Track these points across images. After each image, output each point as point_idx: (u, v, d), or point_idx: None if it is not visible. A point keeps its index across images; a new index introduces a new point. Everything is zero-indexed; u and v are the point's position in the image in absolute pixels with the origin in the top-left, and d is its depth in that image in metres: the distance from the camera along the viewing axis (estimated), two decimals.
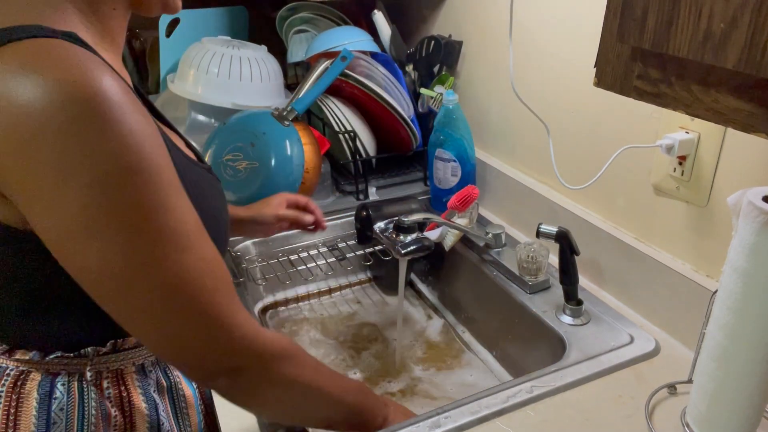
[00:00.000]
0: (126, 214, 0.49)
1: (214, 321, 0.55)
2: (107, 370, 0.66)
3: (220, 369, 0.57)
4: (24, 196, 0.49)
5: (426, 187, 1.33)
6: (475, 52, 1.25)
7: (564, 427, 0.72)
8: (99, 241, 0.49)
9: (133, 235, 0.50)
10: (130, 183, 0.49)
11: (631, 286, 0.92)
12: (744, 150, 0.75)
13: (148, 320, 0.53)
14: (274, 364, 0.60)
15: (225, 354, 0.56)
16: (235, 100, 1.23)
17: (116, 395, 0.66)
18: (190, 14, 1.39)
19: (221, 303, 0.55)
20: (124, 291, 0.51)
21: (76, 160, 0.47)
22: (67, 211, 0.48)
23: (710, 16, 0.43)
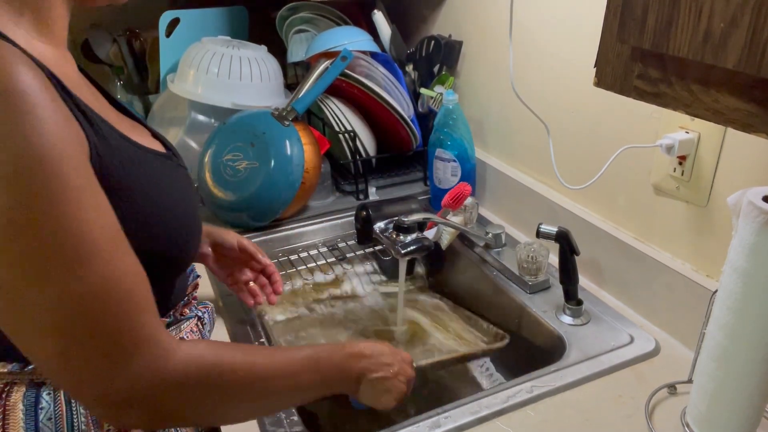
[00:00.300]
0: (15, 219, 0.44)
1: (115, 347, 0.48)
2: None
3: (127, 400, 0.50)
4: None
5: (426, 187, 1.33)
6: (475, 52, 1.25)
7: (564, 427, 0.72)
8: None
9: (23, 243, 0.45)
10: (22, 185, 0.44)
11: (631, 286, 0.92)
12: (744, 150, 0.75)
13: (39, 343, 0.47)
14: (190, 387, 0.53)
15: (131, 383, 0.49)
16: (235, 100, 1.23)
17: None
18: (190, 14, 1.39)
19: (124, 327, 0.49)
20: (10, 305, 0.46)
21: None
22: None
23: (710, 16, 0.43)
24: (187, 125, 1.28)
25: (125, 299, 0.49)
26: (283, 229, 1.18)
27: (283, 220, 1.20)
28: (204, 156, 1.19)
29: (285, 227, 1.19)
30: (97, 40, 1.54)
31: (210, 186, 1.16)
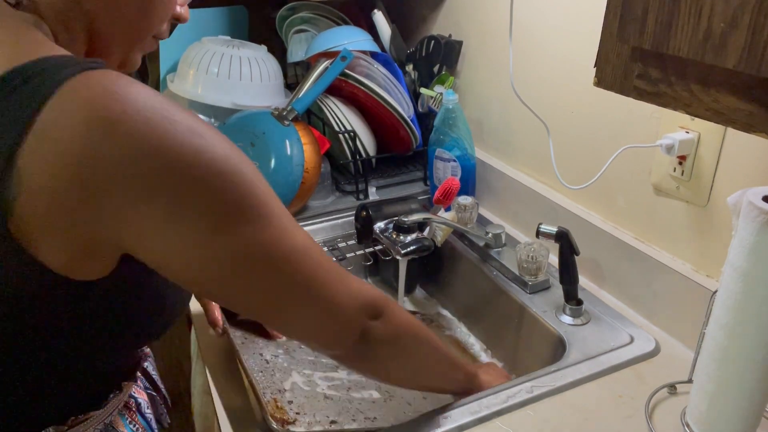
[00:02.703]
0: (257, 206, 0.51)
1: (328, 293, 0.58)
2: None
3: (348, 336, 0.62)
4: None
5: (426, 187, 1.33)
6: (475, 52, 1.25)
7: (564, 427, 0.72)
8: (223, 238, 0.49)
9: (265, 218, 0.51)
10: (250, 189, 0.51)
11: (631, 286, 0.92)
12: (744, 150, 0.75)
13: (291, 293, 0.55)
14: (372, 323, 0.63)
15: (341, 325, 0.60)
16: (235, 100, 1.23)
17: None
18: (190, 14, 1.39)
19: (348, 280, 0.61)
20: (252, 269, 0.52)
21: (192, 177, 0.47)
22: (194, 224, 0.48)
23: (710, 16, 0.43)
24: None
25: (319, 251, 0.58)
26: None
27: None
28: None
29: None
30: None
31: None
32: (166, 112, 0.46)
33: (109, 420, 0.63)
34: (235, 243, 0.49)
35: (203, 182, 0.47)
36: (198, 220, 0.47)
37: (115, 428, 0.64)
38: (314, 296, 0.56)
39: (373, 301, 0.62)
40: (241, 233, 0.49)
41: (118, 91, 0.44)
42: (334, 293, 0.58)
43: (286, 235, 0.53)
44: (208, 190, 0.47)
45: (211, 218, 0.48)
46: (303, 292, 0.55)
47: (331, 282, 0.58)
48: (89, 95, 0.44)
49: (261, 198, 0.51)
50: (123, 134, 0.43)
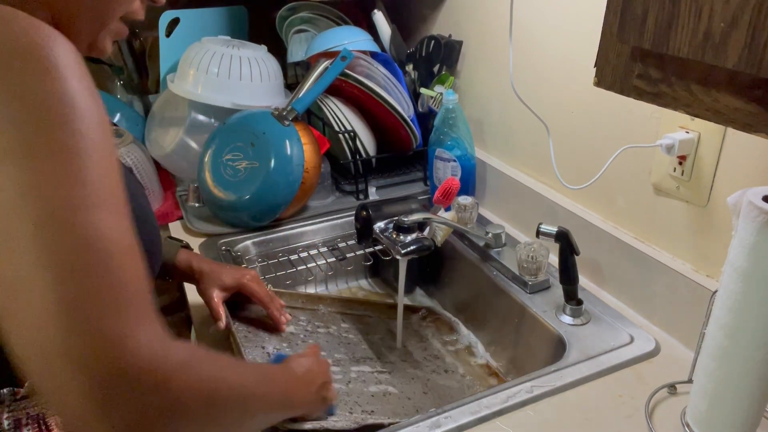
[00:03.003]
0: (48, 152, 0.41)
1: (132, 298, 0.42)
2: (27, 417, 0.58)
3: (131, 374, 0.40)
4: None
5: (426, 187, 1.33)
6: (475, 52, 1.25)
7: (564, 427, 0.72)
8: (17, 169, 0.40)
9: (51, 173, 0.41)
10: (60, 126, 0.42)
11: (631, 286, 0.92)
12: (744, 150, 0.75)
13: (43, 278, 0.39)
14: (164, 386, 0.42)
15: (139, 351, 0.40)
16: (235, 100, 1.23)
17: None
18: (190, 14, 1.39)
19: (136, 284, 0.43)
20: (20, 235, 0.40)
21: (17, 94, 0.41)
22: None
23: (710, 16, 0.43)
24: (187, 125, 1.28)
25: (141, 267, 0.44)
26: (283, 229, 1.18)
27: (283, 220, 1.20)
28: (204, 156, 1.19)
29: (285, 227, 1.19)
30: None
31: (210, 186, 1.16)
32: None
33: None
34: (22, 182, 0.40)
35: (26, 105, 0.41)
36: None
37: None
38: (75, 306, 0.39)
39: (159, 364, 0.41)
40: (32, 176, 0.40)
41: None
42: (112, 317, 0.40)
43: (90, 209, 0.41)
44: (27, 114, 0.41)
45: (11, 143, 0.40)
46: (62, 289, 0.39)
47: (117, 299, 0.40)
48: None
49: (82, 154, 0.42)
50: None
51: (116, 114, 1.38)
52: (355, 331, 1.05)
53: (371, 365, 0.97)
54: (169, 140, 1.29)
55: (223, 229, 1.17)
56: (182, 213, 1.22)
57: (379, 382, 0.90)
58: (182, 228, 1.19)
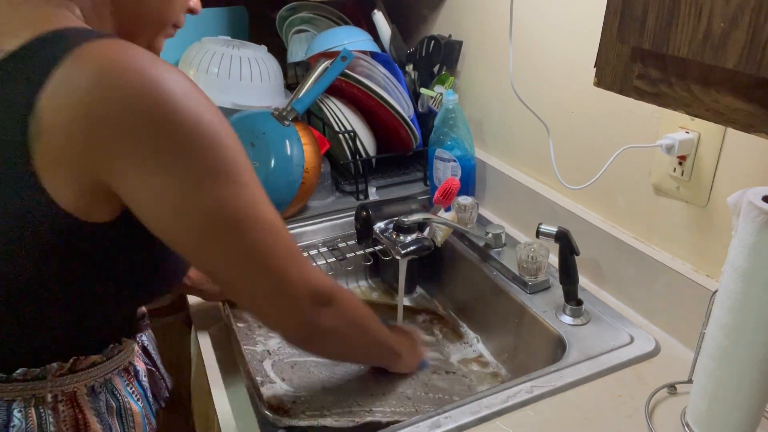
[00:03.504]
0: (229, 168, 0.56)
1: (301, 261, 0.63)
2: (62, 393, 0.64)
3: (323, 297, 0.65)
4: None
5: (426, 187, 1.33)
6: (475, 52, 1.25)
7: (564, 427, 0.72)
8: (207, 190, 0.55)
9: (234, 183, 0.56)
10: (226, 144, 0.56)
11: (631, 286, 0.92)
12: (744, 150, 0.75)
13: (253, 257, 0.59)
14: (322, 309, 0.65)
15: (319, 282, 0.64)
16: (235, 100, 1.23)
17: (71, 418, 0.64)
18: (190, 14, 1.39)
19: (298, 257, 0.63)
20: (223, 230, 0.57)
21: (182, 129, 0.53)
22: (181, 173, 0.54)
23: (710, 16, 0.43)
24: None
25: (287, 229, 0.63)
26: None
27: (282, 219, 1.19)
28: None
29: None
30: None
31: None
32: (164, 72, 0.53)
33: (109, 376, 0.68)
34: (207, 200, 0.55)
35: (187, 139, 0.53)
36: (177, 173, 0.53)
37: (114, 385, 0.69)
38: (269, 270, 0.60)
39: (324, 289, 0.65)
40: (215, 192, 0.55)
41: (124, 53, 0.52)
42: (289, 272, 0.61)
43: (257, 205, 0.58)
44: (190, 148, 0.53)
45: (189, 173, 0.53)
46: (260, 263, 0.59)
47: (288, 261, 0.61)
48: (100, 54, 0.51)
49: (239, 166, 0.57)
50: (123, 89, 0.51)
51: None
52: None
53: None
54: None
55: None
56: None
57: (379, 381, 0.90)
58: None
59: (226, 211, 0.56)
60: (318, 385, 0.83)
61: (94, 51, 0.52)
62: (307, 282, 0.62)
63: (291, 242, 0.62)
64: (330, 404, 0.79)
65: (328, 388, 0.83)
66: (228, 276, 0.60)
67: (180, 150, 0.53)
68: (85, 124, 0.51)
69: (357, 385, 0.88)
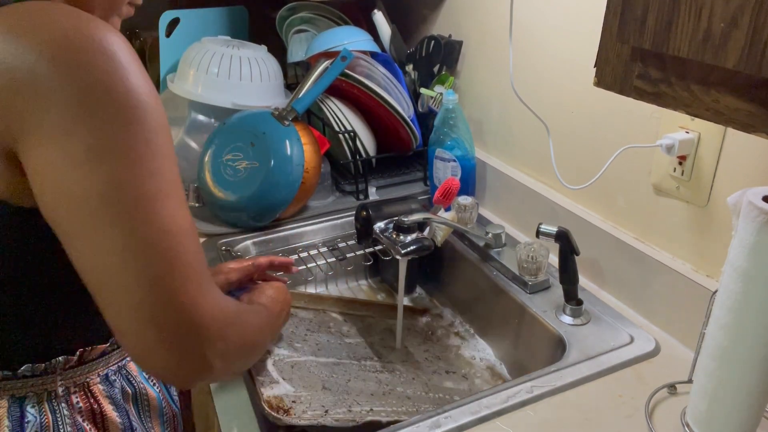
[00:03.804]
0: (132, 148, 0.48)
1: (196, 276, 0.50)
2: (74, 385, 0.64)
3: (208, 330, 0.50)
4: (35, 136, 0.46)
5: (426, 187, 1.33)
6: (475, 52, 1.25)
7: (564, 427, 0.72)
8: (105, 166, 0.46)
9: (136, 167, 0.47)
10: (137, 121, 0.48)
11: (631, 286, 0.92)
12: (744, 150, 0.75)
13: (132, 260, 0.47)
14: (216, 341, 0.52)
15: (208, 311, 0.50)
16: (235, 100, 1.23)
17: (87, 409, 0.65)
18: (190, 14, 1.40)
19: (198, 263, 0.51)
20: (110, 222, 0.47)
21: (95, 95, 0.46)
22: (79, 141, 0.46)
23: (710, 16, 0.43)
24: (187, 125, 1.28)
25: (196, 238, 0.52)
26: (283, 229, 1.18)
27: (283, 220, 1.20)
28: (204, 156, 1.19)
29: (285, 227, 1.19)
30: None
31: (210, 186, 1.16)
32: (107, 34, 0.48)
33: (123, 363, 0.69)
34: (107, 178, 0.46)
35: (103, 105, 0.46)
36: (78, 138, 0.46)
37: (128, 371, 0.70)
38: (149, 283, 0.47)
39: (215, 324, 0.51)
40: (117, 172, 0.46)
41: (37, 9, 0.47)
42: (178, 293, 0.48)
43: (164, 200, 0.48)
44: (103, 112, 0.46)
45: (97, 142, 0.46)
46: (140, 270, 0.47)
47: (182, 278, 0.49)
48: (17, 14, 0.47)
49: (156, 149, 0.49)
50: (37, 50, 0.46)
51: None
52: (356, 331, 1.05)
53: (372, 365, 0.97)
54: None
55: (223, 229, 1.17)
56: None
57: (380, 381, 0.90)
58: None
59: (122, 195, 0.46)
60: (318, 385, 0.83)
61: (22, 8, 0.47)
62: (200, 309, 0.49)
63: (193, 255, 0.50)
64: (330, 404, 0.79)
65: (329, 388, 0.83)
66: (96, 276, 0.48)
67: (93, 112, 0.46)
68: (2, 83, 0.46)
69: (357, 384, 0.88)
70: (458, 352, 1.06)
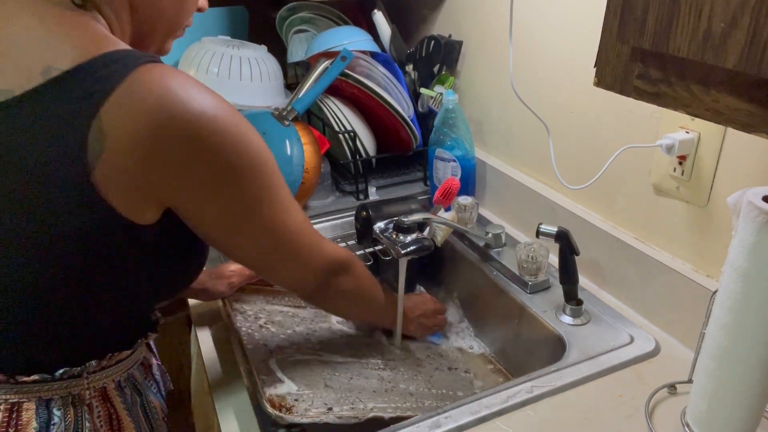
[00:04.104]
0: (270, 189, 0.66)
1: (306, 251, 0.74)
2: (94, 389, 0.65)
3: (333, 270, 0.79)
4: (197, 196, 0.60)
5: (426, 187, 1.33)
6: (475, 52, 1.25)
7: (564, 427, 0.72)
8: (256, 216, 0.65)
9: (272, 201, 0.66)
10: (268, 171, 0.65)
11: (631, 286, 0.92)
12: (744, 150, 0.75)
13: (286, 251, 0.71)
14: (335, 277, 0.80)
15: (312, 272, 0.77)
16: (235, 100, 1.23)
17: (105, 414, 0.66)
18: None
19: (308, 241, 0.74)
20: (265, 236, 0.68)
21: (241, 158, 0.60)
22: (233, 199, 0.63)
23: (710, 16, 0.43)
24: None
25: (308, 225, 0.74)
26: None
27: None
28: None
29: None
30: None
31: None
32: (217, 101, 0.58)
33: (131, 371, 0.71)
34: (259, 221, 0.66)
35: (238, 168, 0.60)
36: (233, 200, 0.62)
37: (135, 379, 0.72)
38: (295, 255, 0.72)
39: (339, 260, 0.79)
40: (264, 214, 0.65)
41: (175, 86, 0.55)
42: (310, 253, 0.74)
43: (291, 215, 0.69)
44: (241, 176, 0.60)
45: (244, 200, 0.62)
46: (288, 252, 0.71)
47: (309, 245, 0.74)
48: (152, 86, 0.54)
49: (275, 189, 0.66)
50: (176, 124, 0.55)
51: None
52: (358, 329, 1.05)
53: (373, 362, 0.97)
54: None
55: None
56: None
57: (382, 378, 0.90)
58: None
59: (275, 228, 0.67)
60: (320, 383, 0.83)
61: (152, 73, 0.55)
62: (325, 258, 0.76)
63: (309, 231, 0.73)
64: (333, 401, 0.79)
65: (331, 386, 0.83)
66: (260, 264, 0.73)
67: (233, 178, 0.60)
68: (144, 150, 0.54)
69: (359, 382, 0.88)
70: (460, 350, 1.06)
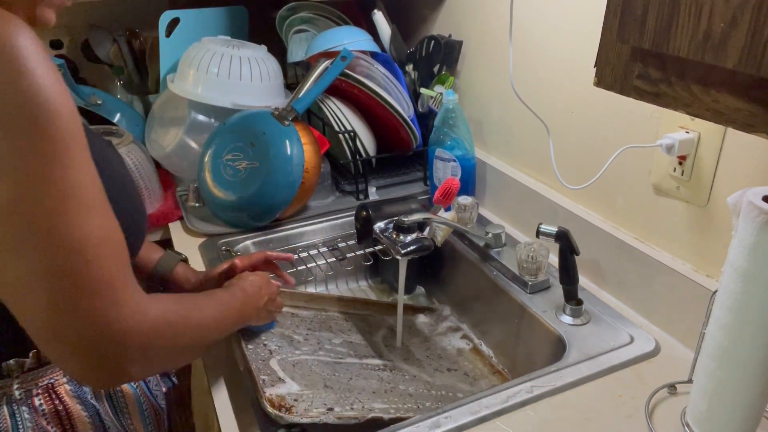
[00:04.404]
0: (28, 162, 0.45)
1: (108, 290, 0.48)
2: (37, 387, 0.63)
3: (117, 342, 0.49)
4: None
5: (426, 187, 1.33)
6: (475, 52, 1.25)
7: (564, 427, 0.72)
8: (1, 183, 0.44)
9: (32, 182, 0.45)
10: (36, 131, 0.45)
11: (631, 286, 0.92)
12: (744, 150, 0.75)
13: (35, 280, 0.46)
14: (161, 337, 0.53)
15: (122, 324, 0.49)
16: (235, 100, 1.23)
17: (51, 410, 0.64)
18: (190, 14, 1.39)
19: (117, 275, 0.49)
20: (12, 242, 0.45)
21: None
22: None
23: (710, 16, 0.43)
24: (187, 125, 1.28)
25: (119, 249, 0.50)
26: (282, 229, 1.18)
27: (283, 220, 1.20)
28: (204, 156, 1.19)
29: (285, 227, 1.19)
30: (97, 40, 1.54)
31: (210, 186, 1.17)
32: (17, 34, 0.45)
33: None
34: (5, 195, 0.45)
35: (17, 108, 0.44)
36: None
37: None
38: (57, 302, 0.46)
39: (134, 338, 0.50)
40: (13, 188, 0.44)
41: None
42: (90, 309, 0.47)
43: (67, 215, 0.46)
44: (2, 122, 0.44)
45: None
46: (50, 290, 0.46)
47: (97, 289, 0.47)
48: None
49: (57, 158, 0.46)
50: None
51: (116, 114, 1.38)
52: (357, 330, 1.05)
53: (373, 363, 0.97)
54: (169, 140, 1.29)
55: (223, 229, 1.17)
56: (182, 213, 1.22)
57: (381, 379, 0.90)
58: (182, 228, 1.19)
59: (21, 214, 0.45)
60: (320, 384, 0.83)
61: None
62: (112, 323, 0.48)
63: (105, 267, 0.48)
64: (333, 402, 0.79)
65: (330, 386, 0.83)
66: (4, 290, 0.48)
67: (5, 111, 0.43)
68: None
69: (359, 383, 0.88)
70: (458, 351, 1.06)
